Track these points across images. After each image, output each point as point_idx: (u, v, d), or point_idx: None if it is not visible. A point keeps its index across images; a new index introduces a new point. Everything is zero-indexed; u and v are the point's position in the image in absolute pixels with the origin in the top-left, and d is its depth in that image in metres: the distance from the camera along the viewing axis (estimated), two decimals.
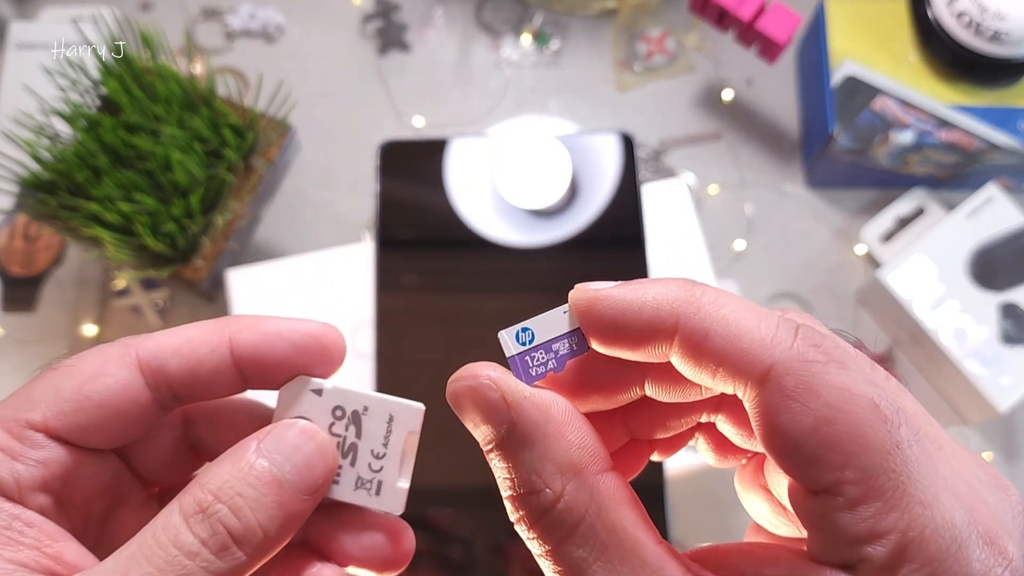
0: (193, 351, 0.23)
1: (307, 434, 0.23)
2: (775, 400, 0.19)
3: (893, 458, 0.18)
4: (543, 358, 0.23)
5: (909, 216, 0.61)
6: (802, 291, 0.61)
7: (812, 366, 0.19)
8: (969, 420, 0.57)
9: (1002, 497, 0.20)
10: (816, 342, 0.20)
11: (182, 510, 0.21)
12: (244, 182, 0.51)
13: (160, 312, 0.59)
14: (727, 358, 0.20)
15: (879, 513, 0.18)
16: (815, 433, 0.19)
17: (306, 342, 0.24)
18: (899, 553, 0.18)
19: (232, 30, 0.66)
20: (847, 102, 0.57)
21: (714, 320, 0.20)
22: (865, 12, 0.60)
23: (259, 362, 0.24)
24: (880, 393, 0.19)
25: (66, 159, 0.48)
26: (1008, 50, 0.55)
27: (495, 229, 0.52)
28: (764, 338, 0.20)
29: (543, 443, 0.21)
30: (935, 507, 0.18)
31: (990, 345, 0.54)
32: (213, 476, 0.22)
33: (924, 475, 0.18)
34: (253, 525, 0.21)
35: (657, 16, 0.67)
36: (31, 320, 0.57)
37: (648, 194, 0.54)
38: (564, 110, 0.65)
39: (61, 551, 0.22)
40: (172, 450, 0.26)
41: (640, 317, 0.21)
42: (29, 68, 0.58)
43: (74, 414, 0.22)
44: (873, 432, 0.18)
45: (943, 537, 0.18)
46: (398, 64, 0.66)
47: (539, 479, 0.20)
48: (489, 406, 0.21)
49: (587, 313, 0.22)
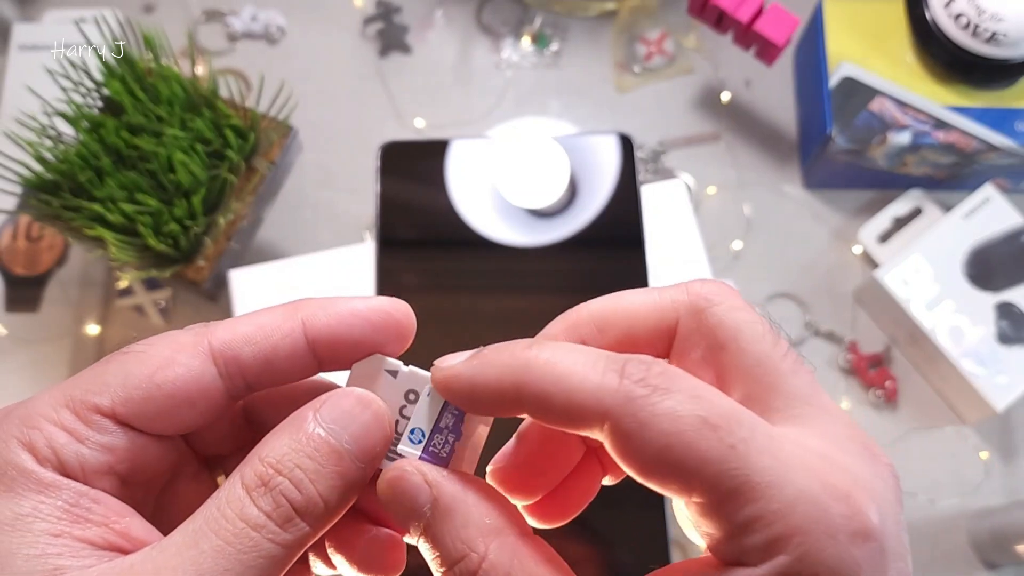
0: (267, 338, 0.23)
1: (363, 403, 0.23)
2: (619, 443, 0.20)
3: (731, 460, 0.19)
4: (442, 440, 0.24)
5: (906, 216, 0.61)
6: (800, 291, 0.61)
7: (638, 403, 0.20)
8: (967, 419, 0.58)
9: (869, 464, 0.21)
10: (640, 376, 0.21)
11: (244, 483, 0.21)
12: (246, 183, 0.52)
13: (162, 312, 0.59)
14: (570, 416, 0.21)
15: (736, 510, 0.19)
16: (659, 463, 0.20)
17: (380, 319, 0.24)
18: (770, 534, 0.19)
19: (234, 32, 0.67)
20: (845, 103, 0.58)
21: (550, 383, 0.21)
22: (863, 14, 0.60)
23: (334, 343, 0.24)
24: (705, 405, 0.20)
25: (69, 160, 0.49)
26: (1005, 51, 0.55)
27: (495, 230, 0.52)
28: (594, 389, 0.21)
29: (464, 511, 0.22)
30: (785, 485, 0.19)
31: (987, 345, 0.55)
32: (272, 448, 0.22)
33: (767, 462, 0.20)
34: (314, 496, 0.21)
35: (656, 18, 0.67)
36: (34, 320, 0.58)
37: (647, 195, 0.55)
38: (564, 111, 0.65)
39: (128, 527, 0.22)
40: (230, 425, 0.26)
41: (488, 392, 0.22)
42: (32, 69, 0.58)
43: (143, 402, 0.22)
44: (707, 444, 0.20)
45: (802, 506, 0.19)
46: (399, 66, 0.66)
47: (464, 545, 0.22)
48: (414, 488, 0.22)
49: (446, 392, 0.23)
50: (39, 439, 0.21)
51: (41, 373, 0.57)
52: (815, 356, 0.60)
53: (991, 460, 0.57)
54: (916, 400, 0.59)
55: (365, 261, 0.52)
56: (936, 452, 0.58)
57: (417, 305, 0.23)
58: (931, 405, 0.59)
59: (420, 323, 0.24)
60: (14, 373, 0.57)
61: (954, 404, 0.58)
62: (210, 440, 0.25)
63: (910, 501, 0.56)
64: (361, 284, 0.50)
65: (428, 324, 0.50)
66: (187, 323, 0.24)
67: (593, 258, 0.53)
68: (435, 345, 0.52)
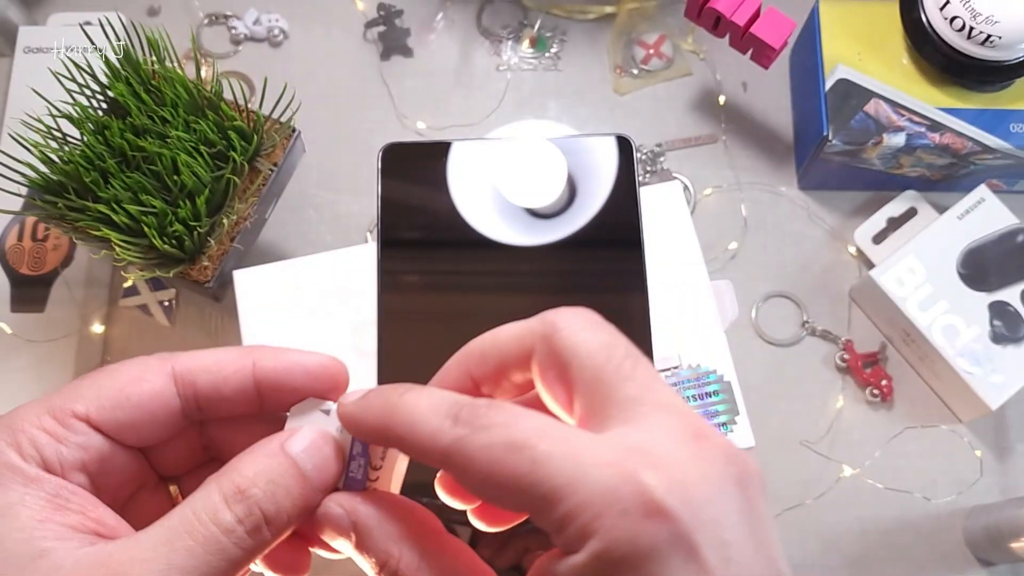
0: (220, 370, 0.27)
1: (325, 438, 0.27)
2: (456, 475, 0.24)
3: (535, 473, 0.22)
4: (357, 465, 0.28)
5: (901, 217, 0.62)
6: (796, 291, 0.61)
7: (463, 441, 0.23)
8: (961, 417, 0.58)
9: (690, 447, 0.23)
10: (469, 417, 0.24)
11: (221, 491, 0.24)
12: (249, 184, 0.52)
13: (167, 311, 0.60)
14: (422, 455, 0.25)
15: (550, 511, 0.22)
16: (486, 488, 0.23)
17: (319, 371, 0.28)
18: (579, 524, 0.22)
19: (237, 35, 0.67)
20: (840, 105, 0.58)
21: (404, 428, 0.25)
22: (858, 17, 0.61)
23: (278, 385, 0.28)
24: (513, 432, 0.23)
25: (74, 161, 0.49)
26: (999, 54, 0.56)
27: (495, 231, 0.53)
28: (433, 434, 0.24)
29: (377, 526, 0.26)
30: (583, 481, 0.22)
31: (981, 344, 0.55)
32: (248, 464, 0.25)
33: (567, 466, 0.22)
34: (283, 510, 0.25)
35: (654, 21, 0.68)
36: (40, 319, 0.58)
37: (645, 196, 0.55)
38: (563, 113, 0.66)
39: (102, 516, 0.25)
40: (187, 449, 0.29)
41: (368, 429, 0.26)
42: (37, 72, 0.59)
43: (113, 410, 0.26)
44: (514, 464, 0.22)
45: (599, 496, 0.21)
46: (400, 68, 0.67)
47: (383, 551, 0.25)
48: (337, 518, 0.26)
49: (346, 425, 0.27)
50: (24, 440, 0.25)
51: (46, 372, 0.57)
52: (811, 355, 0.60)
53: (986, 458, 0.58)
54: (911, 399, 0.59)
55: (367, 261, 0.52)
56: (931, 450, 0.58)
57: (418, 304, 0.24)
58: (926, 404, 0.59)
59: (421, 322, 0.26)
60: (20, 372, 0.57)
61: (949, 403, 0.59)
62: (169, 459, 0.29)
63: (905, 499, 0.57)
64: (363, 284, 0.51)
65: (429, 323, 0.50)
66: (192, 322, 0.27)
67: (592, 258, 0.54)
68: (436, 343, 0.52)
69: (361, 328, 0.51)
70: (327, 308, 0.51)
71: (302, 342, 0.50)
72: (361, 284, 0.51)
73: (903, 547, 0.56)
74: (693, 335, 0.49)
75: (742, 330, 0.61)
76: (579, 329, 0.25)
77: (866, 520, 0.57)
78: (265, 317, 0.50)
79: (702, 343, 0.48)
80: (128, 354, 0.60)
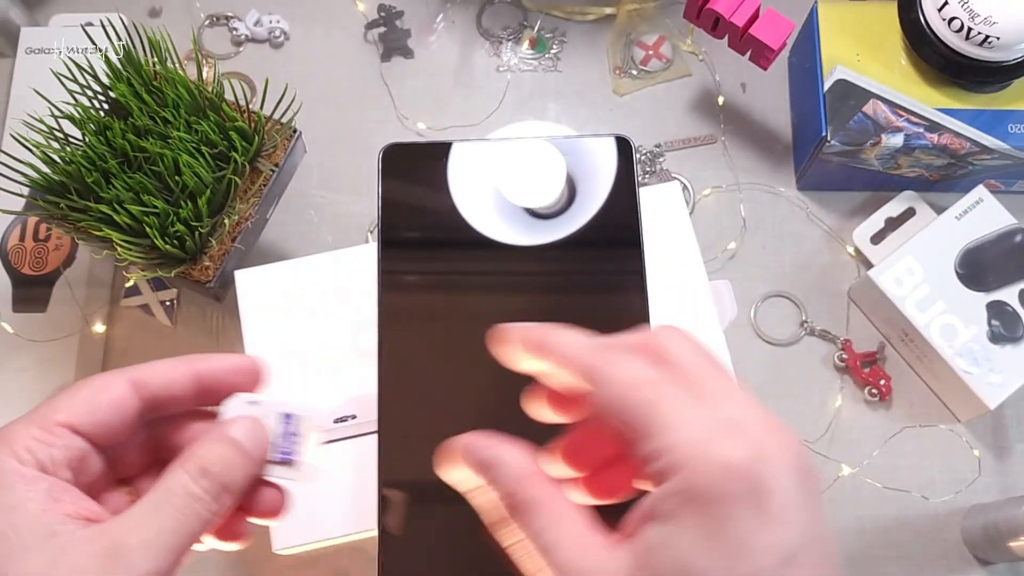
0: (168, 374, 0.33)
1: (256, 424, 0.33)
2: (596, 387, 0.28)
3: (649, 408, 0.27)
4: (285, 440, 0.34)
5: (899, 217, 0.62)
6: (795, 291, 0.62)
7: (610, 364, 0.28)
8: (960, 417, 0.59)
9: (768, 431, 0.26)
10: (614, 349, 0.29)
11: (187, 471, 0.31)
12: (250, 185, 0.53)
13: (169, 311, 0.60)
14: (572, 364, 0.30)
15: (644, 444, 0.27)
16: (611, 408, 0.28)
17: (248, 367, 0.34)
18: (663, 463, 0.26)
19: (238, 36, 0.68)
20: (839, 106, 0.58)
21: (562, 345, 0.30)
22: (856, 18, 0.61)
23: (214, 382, 0.34)
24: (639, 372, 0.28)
25: (76, 162, 0.50)
26: (997, 54, 0.56)
27: (495, 231, 0.53)
28: (587, 350, 0.29)
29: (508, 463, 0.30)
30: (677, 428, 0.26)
31: (979, 344, 0.56)
32: (207, 449, 0.31)
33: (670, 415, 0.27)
34: (236, 479, 0.31)
35: (653, 22, 0.68)
36: (41, 319, 0.58)
37: (644, 196, 0.55)
38: (563, 114, 0.66)
39: (90, 506, 0.30)
40: (141, 449, 0.35)
41: (532, 342, 0.32)
42: (39, 73, 0.59)
43: (88, 415, 0.31)
44: (638, 396, 0.27)
45: (684, 446, 0.26)
46: (401, 69, 0.67)
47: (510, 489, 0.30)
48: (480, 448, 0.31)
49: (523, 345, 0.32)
50: (20, 448, 0.30)
51: (49, 372, 0.57)
52: (810, 355, 0.60)
53: (984, 457, 0.58)
54: (909, 398, 0.59)
55: (367, 262, 0.52)
56: (929, 450, 0.58)
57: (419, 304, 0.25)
58: (924, 403, 0.59)
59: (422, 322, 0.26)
60: (22, 372, 0.57)
61: (947, 402, 0.59)
62: (128, 460, 0.34)
63: (904, 498, 0.57)
64: (364, 284, 0.51)
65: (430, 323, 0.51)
66: (193, 322, 0.28)
67: (592, 258, 0.54)
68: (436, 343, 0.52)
69: (362, 328, 0.51)
70: (328, 308, 0.51)
71: (303, 342, 0.50)
72: (362, 284, 0.52)
73: (901, 546, 0.57)
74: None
75: (741, 330, 0.61)
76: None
77: (865, 519, 0.57)
78: (266, 317, 0.50)
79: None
80: (129, 353, 0.60)
